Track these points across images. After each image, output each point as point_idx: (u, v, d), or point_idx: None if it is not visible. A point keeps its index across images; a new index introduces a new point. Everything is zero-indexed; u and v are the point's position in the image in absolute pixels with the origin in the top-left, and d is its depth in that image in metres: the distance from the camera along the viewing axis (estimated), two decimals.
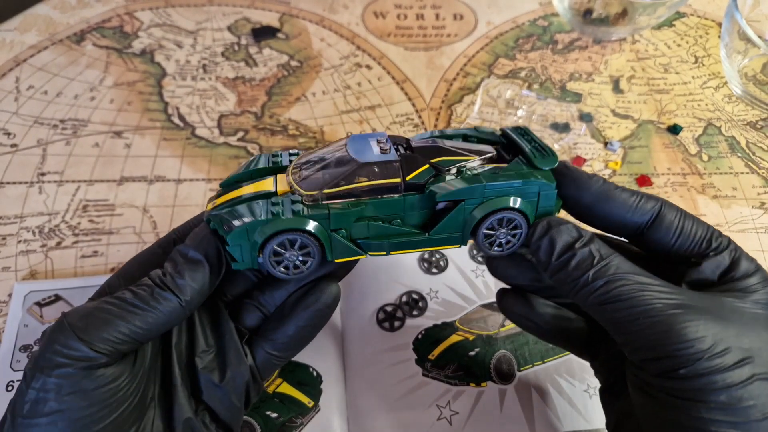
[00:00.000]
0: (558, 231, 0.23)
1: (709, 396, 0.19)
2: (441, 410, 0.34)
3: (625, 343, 0.22)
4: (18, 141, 0.46)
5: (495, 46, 0.56)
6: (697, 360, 0.19)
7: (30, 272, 0.39)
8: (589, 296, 0.22)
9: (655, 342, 0.20)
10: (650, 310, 0.21)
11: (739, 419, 0.19)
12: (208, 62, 0.52)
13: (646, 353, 0.21)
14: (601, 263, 0.22)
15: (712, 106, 0.51)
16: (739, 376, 0.19)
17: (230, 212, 0.25)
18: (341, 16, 0.57)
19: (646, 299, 0.21)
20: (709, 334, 0.20)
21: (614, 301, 0.21)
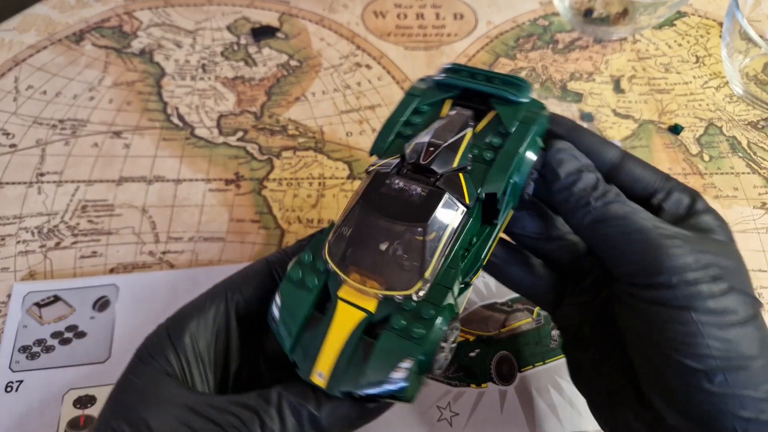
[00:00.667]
0: (567, 154, 0.25)
1: (697, 302, 0.21)
2: (441, 411, 0.34)
3: (617, 257, 0.23)
4: (17, 141, 0.46)
5: (495, 45, 0.55)
6: (686, 270, 0.22)
7: (29, 273, 0.39)
8: (588, 214, 0.24)
9: (648, 255, 0.22)
10: (642, 227, 0.23)
11: (723, 323, 0.21)
12: (208, 62, 0.52)
13: (638, 266, 0.23)
14: (604, 188, 0.25)
15: (713, 106, 0.51)
16: (720, 287, 0.22)
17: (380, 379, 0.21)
18: (341, 16, 0.57)
19: (640, 219, 0.23)
20: (693, 252, 0.22)
21: (611, 218, 0.23)
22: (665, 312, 0.22)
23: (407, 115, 0.26)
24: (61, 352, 0.35)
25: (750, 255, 0.42)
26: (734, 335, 0.21)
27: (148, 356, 0.23)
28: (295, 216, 0.43)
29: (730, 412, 0.21)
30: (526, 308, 0.38)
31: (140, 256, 0.40)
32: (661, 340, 0.22)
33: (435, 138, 0.24)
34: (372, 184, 0.23)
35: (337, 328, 0.21)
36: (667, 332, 0.22)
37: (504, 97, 0.25)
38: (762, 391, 0.21)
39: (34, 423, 0.33)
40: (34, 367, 0.34)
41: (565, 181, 0.25)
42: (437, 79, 0.27)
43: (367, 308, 0.21)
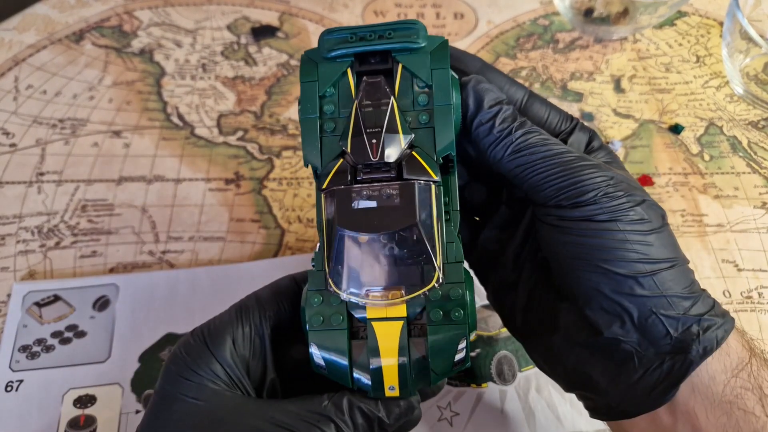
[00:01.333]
0: (488, 86, 0.25)
1: (620, 214, 0.23)
2: (441, 411, 0.34)
3: (540, 183, 0.24)
4: (17, 141, 0.45)
5: (496, 45, 0.55)
6: (607, 185, 0.23)
7: (29, 272, 0.39)
8: (510, 146, 0.24)
9: (570, 176, 0.23)
10: (561, 152, 0.24)
11: (645, 228, 0.23)
12: (208, 61, 0.52)
13: (561, 186, 0.24)
14: (521, 120, 0.25)
15: (713, 105, 0.51)
16: (635, 199, 0.24)
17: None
18: (341, 15, 0.57)
19: (557, 147, 0.24)
20: (607, 170, 0.24)
21: (531, 147, 0.24)
22: (593, 226, 0.23)
23: (317, 107, 0.24)
24: (61, 351, 0.35)
25: (750, 255, 0.42)
26: (655, 240, 0.23)
27: (191, 370, 0.23)
28: (295, 215, 0.43)
29: (662, 313, 0.23)
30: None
31: (140, 255, 0.40)
32: (591, 253, 0.23)
33: (368, 127, 0.23)
34: (340, 205, 0.22)
35: (384, 345, 0.22)
36: (595, 245, 0.23)
37: (404, 48, 0.24)
38: (685, 290, 0.23)
39: (34, 422, 0.33)
40: (34, 366, 0.34)
41: (488, 112, 0.25)
42: (329, 56, 0.24)
43: (399, 315, 0.22)
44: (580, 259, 0.24)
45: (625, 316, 0.23)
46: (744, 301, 0.39)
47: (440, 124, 0.23)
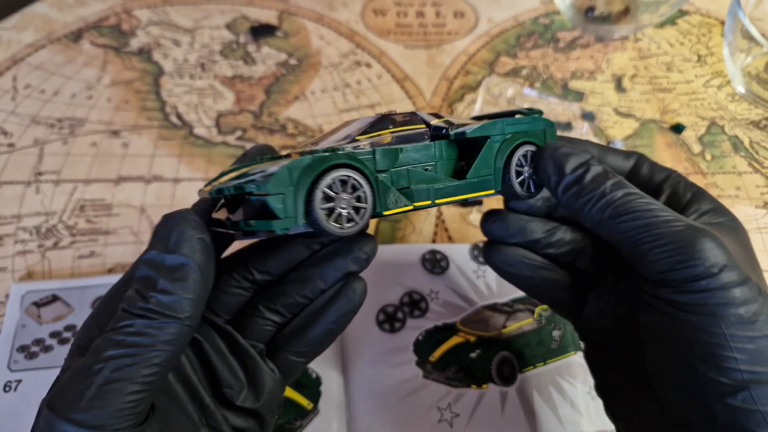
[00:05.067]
0: (568, 149, 0.24)
1: (728, 309, 0.20)
2: (442, 412, 0.33)
3: (644, 255, 0.21)
4: (15, 140, 0.45)
5: (496, 44, 0.55)
6: (720, 271, 0.20)
7: (27, 272, 0.38)
8: (607, 207, 0.22)
9: (677, 251, 0.20)
10: (669, 221, 0.21)
11: (755, 334, 0.19)
12: (206, 61, 0.52)
13: (666, 264, 0.21)
14: (616, 177, 0.23)
15: (715, 105, 0.51)
16: (752, 291, 0.20)
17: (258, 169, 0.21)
18: (340, 14, 0.57)
19: (662, 212, 0.22)
20: (722, 248, 0.20)
21: (633, 211, 0.22)
22: (693, 319, 0.20)
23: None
24: (59, 351, 0.35)
25: None
26: (762, 346, 0.20)
27: None
28: None
29: (752, 428, 0.20)
30: (527, 309, 0.38)
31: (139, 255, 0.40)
32: (687, 349, 0.21)
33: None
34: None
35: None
36: (693, 342, 0.20)
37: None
38: None
39: (32, 423, 0.32)
40: (33, 366, 0.34)
41: (572, 176, 0.23)
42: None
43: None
44: (673, 349, 0.21)
45: (712, 418, 0.20)
46: None
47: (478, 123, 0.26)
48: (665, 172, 0.27)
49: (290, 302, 0.27)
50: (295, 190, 0.21)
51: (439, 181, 0.24)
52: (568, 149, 0.24)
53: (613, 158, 0.27)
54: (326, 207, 0.21)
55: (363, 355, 0.35)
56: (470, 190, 0.25)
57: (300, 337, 0.26)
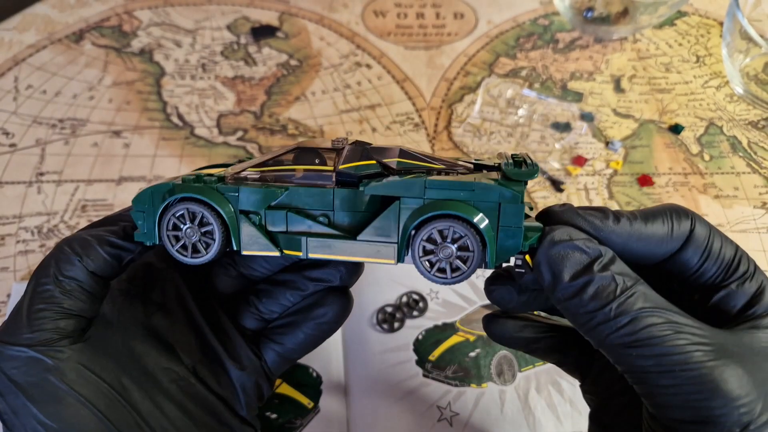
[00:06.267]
0: (569, 246, 0.18)
1: None
2: (441, 411, 0.34)
3: (653, 396, 0.18)
4: (17, 140, 0.45)
5: (496, 45, 0.55)
6: (746, 425, 0.16)
7: (29, 272, 0.38)
8: (610, 335, 0.18)
9: (695, 401, 0.17)
10: (688, 360, 0.17)
11: None
12: (207, 61, 0.52)
13: (681, 413, 0.17)
14: (626, 293, 0.18)
15: (713, 105, 0.51)
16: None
17: (157, 184, 0.23)
18: (341, 15, 0.57)
19: (682, 345, 0.17)
20: (753, 389, 0.17)
21: (643, 345, 0.17)
22: None
23: None
24: None
25: (751, 255, 0.41)
26: None
27: None
28: None
29: None
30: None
31: None
32: None
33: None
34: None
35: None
36: None
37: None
38: None
39: None
40: None
41: (570, 286, 0.18)
42: None
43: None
44: None
45: None
46: None
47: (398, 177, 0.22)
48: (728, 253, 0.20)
49: (274, 301, 0.28)
50: (152, 211, 0.22)
51: (323, 235, 0.22)
52: (569, 246, 0.18)
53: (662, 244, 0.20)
54: (173, 234, 0.22)
55: (363, 354, 0.35)
56: (359, 252, 0.21)
57: (283, 336, 0.28)
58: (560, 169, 0.46)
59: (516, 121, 0.49)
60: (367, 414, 0.33)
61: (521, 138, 0.48)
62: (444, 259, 0.21)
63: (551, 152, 0.47)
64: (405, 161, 0.22)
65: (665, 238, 0.20)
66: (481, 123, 0.49)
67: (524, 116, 0.50)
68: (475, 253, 0.20)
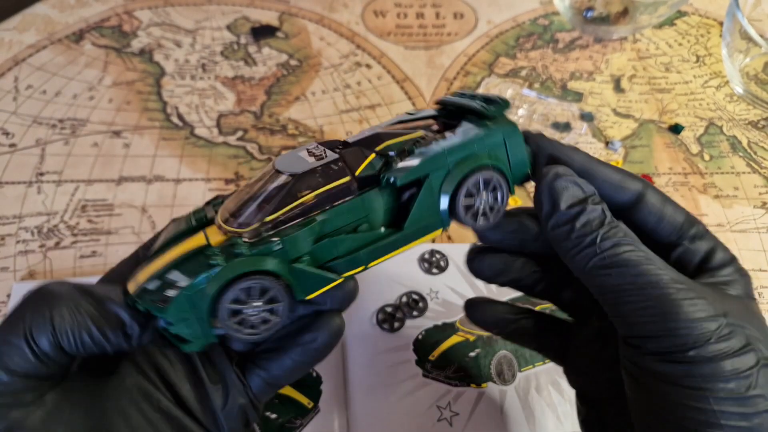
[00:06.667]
0: (568, 181, 0.21)
1: (717, 384, 0.18)
2: (441, 411, 0.34)
3: (626, 315, 0.19)
4: (17, 141, 0.45)
5: (495, 45, 0.55)
6: (706, 341, 0.18)
7: (29, 272, 0.39)
8: (593, 258, 0.20)
9: (661, 316, 0.18)
10: (658, 281, 0.19)
11: (748, 410, 0.17)
12: (207, 61, 0.52)
13: (648, 329, 0.19)
14: (611, 224, 0.20)
15: (713, 105, 0.51)
16: (746, 362, 0.18)
17: (160, 284, 0.20)
18: (341, 15, 0.57)
19: (654, 269, 0.19)
20: (717, 315, 0.18)
21: (620, 266, 0.19)
22: (678, 393, 0.18)
23: None
24: None
25: (750, 255, 0.42)
26: (761, 423, 0.17)
27: None
28: None
29: None
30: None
31: None
32: (670, 424, 0.18)
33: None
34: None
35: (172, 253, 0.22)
36: (679, 418, 0.18)
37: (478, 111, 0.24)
38: None
39: None
40: None
41: (566, 214, 0.20)
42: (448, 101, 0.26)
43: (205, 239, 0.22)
44: (655, 421, 0.19)
45: None
46: None
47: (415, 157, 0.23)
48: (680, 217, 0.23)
49: None
50: (198, 314, 0.20)
51: (373, 242, 0.22)
52: (569, 180, 0.21)
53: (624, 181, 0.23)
54: (236, 321, 0.20)
55: (363, 355, 0.35)
56: (412, 239, 0.22)
57: (269, 362, 0.25)
58: None
59: (516, 120, 0.49)
60: (367, 414, 0.33)
61: None
62: (480, 207, 0.23)
63: None
64: (391, 143, 0.23)
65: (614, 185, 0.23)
66: None
67: (524, 116, 0.50)
68: (503, 190, 0.23)
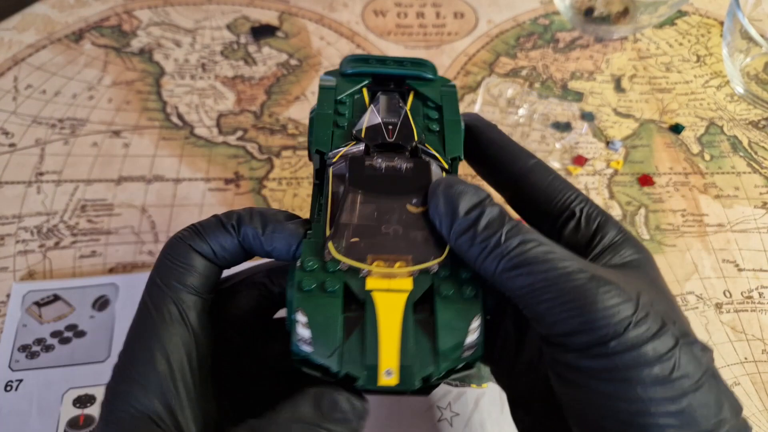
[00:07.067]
0: (463, 188, 0.21)
1: (642, 371, 0.17)
2: (441, 411, 0.33)
3: (543, 315, 0.19)
4: (16, 140, 0.45)
5: (496, 44, 0.55)
6: (625, 329, 0.17)
7: (28, 272, 0.38)
8: (502, 259, 0.19)
9: (578, 310, 0.18)
10: (569, 273, 0.18)
11: (675, 393, 0.17)
12: (207, 61, 0.52)
13: (567, 325, 0.18)
14: (511, 222, 0.20)
15: (714, 105, 0.51)
16: (666, 343, 0.18)
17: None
18: (341, 15, 0.57)
19: (562, 261, 0.19)
20: (629, 299, 0.18)
21: (529, 263, 0.19)
22: (605, 387, 0.18)
23: (333, 107, 0.25)
24: (60, 351, 0.35)
25: (751, 255, 0.41)
26: (689, 404, 0.17)
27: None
28: None
29: None
30: None
31: (140, 255, 0.40)
32: (605, 419, 0.18)
33: (385, 118, 0.24)
34: (353, 169, 0.22)
35: (385, 319, 0.19)
36: (609, 413, 0.18)
37: (419, 77, 0.26)
38: None
39: (33, 422, 0.32)
40: (34, 366, 0.34)
41: (466, 219, 0.20)
42: (349, 71, 0.26)
43: (404, 288, 0.20)
44: (588, 420, 0.19)
45: None
46: (744, 301, 0.39)
47: (450, 134, 0.24)
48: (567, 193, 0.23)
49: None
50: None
51: None
52: (463, 186, 0.21)
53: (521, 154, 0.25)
54: None
55: None
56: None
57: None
58: (561, 168, 0.46)
59: (516, 120, 0.49)
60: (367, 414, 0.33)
61: (522, 137, 0.48)
62: None
63: (552, 152, 0.47)
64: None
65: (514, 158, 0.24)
66: None
67: (524, 116, 0.50)
68: None
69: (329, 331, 0.19)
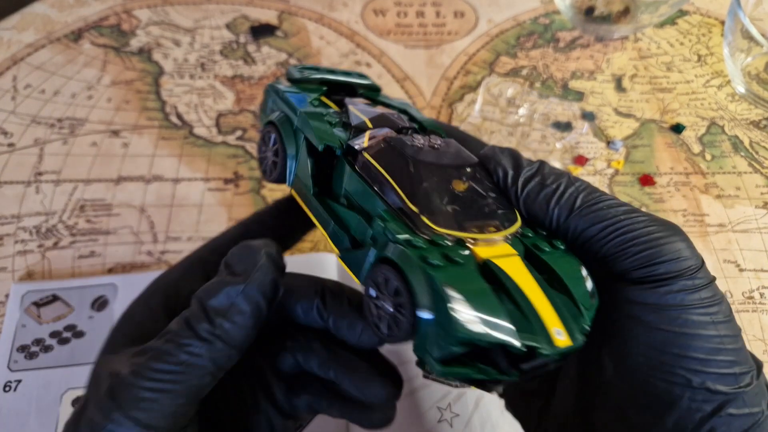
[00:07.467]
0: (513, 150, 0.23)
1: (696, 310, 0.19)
2: (442, 412, 0.33)
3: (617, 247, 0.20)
4: (15, 140, 0.45)
5: (496, 44, 0.55)
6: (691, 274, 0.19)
7: (27, 272, 0.38)
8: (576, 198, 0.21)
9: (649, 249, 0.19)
10: (642, 215, 0.20)
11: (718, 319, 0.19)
12: (206, 60, 0.52)
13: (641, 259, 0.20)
14: (569, 173, 0.22)
15: (715, 105, 0.51)
16: (717, 293, 0.20)
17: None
18: (341, 14, 0.57)
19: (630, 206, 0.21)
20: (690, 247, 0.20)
21: (601, 201, 0.20)
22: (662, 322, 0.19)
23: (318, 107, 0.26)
24: (59, 351, 0.35)
25: (752, 255, 0.41)
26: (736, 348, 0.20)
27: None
28: None
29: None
30: None
31: (139, 255, 0.40)
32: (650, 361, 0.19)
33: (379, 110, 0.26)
34: (403, 147, 0.21)
35: (524, 284, 0.18)
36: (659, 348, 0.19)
37: (369, 86, 0.29)
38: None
39: (32, 422, 0.32)
40: (33, 366, 0.34)
41: (531, 167, 0.22)
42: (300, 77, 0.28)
43: (511, 252, 0.19)
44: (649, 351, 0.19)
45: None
46: (745, 301, 0.39)
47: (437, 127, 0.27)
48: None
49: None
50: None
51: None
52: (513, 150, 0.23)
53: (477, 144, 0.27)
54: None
55: None
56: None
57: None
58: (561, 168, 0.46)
59: (517, 120, 0.49)
60: None
61: (522, 137, 0.48)
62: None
63: (552, 152, 0.47)
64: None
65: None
66: (481, 122, 0.49)
67: (525, 115, 0.49)
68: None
69: (492, 305, 0.17)
